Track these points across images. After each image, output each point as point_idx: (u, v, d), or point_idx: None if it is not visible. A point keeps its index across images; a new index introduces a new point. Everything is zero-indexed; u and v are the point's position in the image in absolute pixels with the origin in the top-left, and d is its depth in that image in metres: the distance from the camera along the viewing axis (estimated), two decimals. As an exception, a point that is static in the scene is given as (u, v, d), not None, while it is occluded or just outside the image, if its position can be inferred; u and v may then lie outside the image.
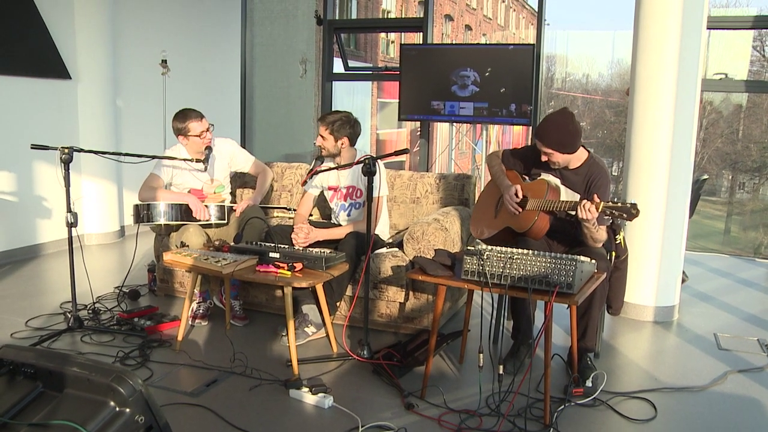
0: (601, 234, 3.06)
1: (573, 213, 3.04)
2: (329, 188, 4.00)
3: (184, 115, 3.91)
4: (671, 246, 4.08)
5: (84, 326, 3.71)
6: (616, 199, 2.85)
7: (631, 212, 2.75)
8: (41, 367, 1.68)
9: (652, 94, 3.98)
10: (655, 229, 4.04)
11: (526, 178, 3.41)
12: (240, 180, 4.63)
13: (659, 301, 4.13)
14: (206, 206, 3.88)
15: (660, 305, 4.13)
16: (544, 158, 3.17)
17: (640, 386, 3.14)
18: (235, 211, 4.02)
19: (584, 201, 2.87)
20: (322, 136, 3.78)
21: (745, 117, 18.19)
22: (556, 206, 3.06)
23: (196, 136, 3.89)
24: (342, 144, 3.77)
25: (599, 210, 2.82)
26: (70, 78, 5.82)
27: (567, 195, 3.23)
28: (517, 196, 3.23)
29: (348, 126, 3.76)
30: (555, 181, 3.26)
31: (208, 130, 3.93)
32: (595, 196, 2.90)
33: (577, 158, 3.20)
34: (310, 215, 4.20)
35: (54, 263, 5.33)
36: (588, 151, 3.25)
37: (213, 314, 4.00)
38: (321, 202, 4.26)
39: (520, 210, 3.22)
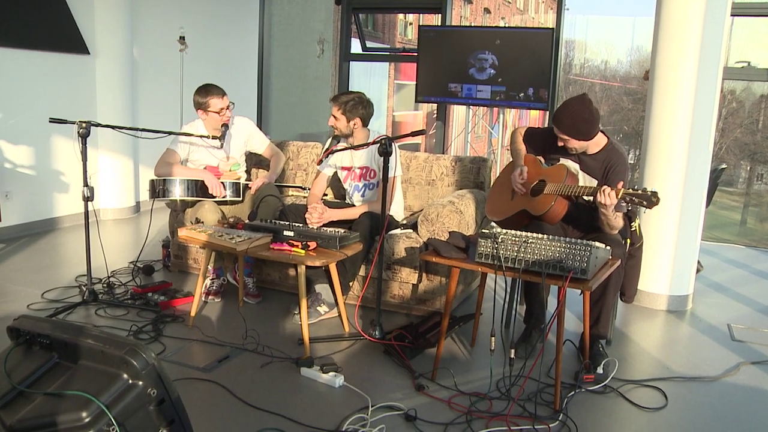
0: (618, 221, 3.03)
1: (591, 198, 3.01)
2: (343, 168, 3.99)
3: (206, 90, 3.91)
4: (687, 235, 4.04)
5: (99, 300, 3.74)
6: (636, 187, 2.82)
7: (651, 200, 2.71)
8: (57, 338, 1.69)
9: (671, 81, 3.91)
10: (671, 218, 4.00)
11: (543, 161, 3.38)
12: (255, 159, 4.62)
13: (673, 290, 4.09)
14: (221, 183, 3.88)
15: (674, 294, 4.10)
16: (560, 143, 3.14)
17: (652, 375, 3.13)
18: (250, 188, 4.02)
19: (604, 186, 2.84)
20: (334, 116, 3.75)
21: (767, 107, 17.92)
22: (574, 191, 3.03)
23: (215, 112, 3.89)
24: (354, 125, 3.75)
25: (619, 196, 2.79)
26: (89, 53, 5.83)
27: (585, 181, 3.20)
28: (521, 177, 3.24)
29: (360, 107, 3.73)
30: (574, 166, 3.23)
31: (228, 108, 3.93)
32: (620, 183, 2.85)
33: (595, 144, 3.17)
34: (325, 195, 4.19)
35: (70, 237, 5.36)
36: (607, 137, 3.21)
37: (226, 291, 4.02)
38: (335, 182, 4.24)
39: (524, 190, 3.22)
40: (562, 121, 3.09)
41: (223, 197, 3.88)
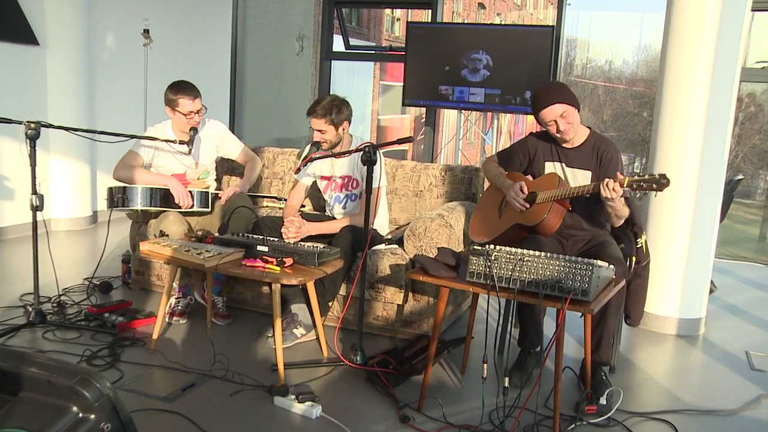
0: (624, 210, 3.10)
1: (589, 195, 3.07)
2: (322, 178, 3.98)
3: (178, 88, 3.89)
4: (699, 252, 4.07)
5: (47, 321, 3.69)
6: (641, 172, 2.86)
7: (661, 182, 2.76)
8: (-7, 367, 1.65)
9: (683, 83, 3.95)
10: (681, 233, 4.03)
11: (530, 178, 3.43)
12: (227, 165, 4.61)
13: (684, 312, 4.11)
14: (189, 192, 3.87)
15: (684, 317, 4.12)
16: (562, 125, 3.18)
17: (660, 406, 3.13)
18: (220, 198, 4.01)
19: (606, 180, 2.89)
20: (320, 131, 3.70)
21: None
22: (573, 192, 3.08)
23: (183, 113, 3.87)
24: (343, 130, 3.76)
25: (624, 186, 2.85)
26: (38, 44, 5.76)
27: (577, 178, 3.27)
28: (522, 192, 3.27)
29: (344, 107, 3.74)
30: (560, 171, 3.31)
31: (198, 112, 3.90)
32: (618, 174, 2.91)
33: (579, 135, 3.28)
34: (303, 206, 4.18)
35: (15, 250, 5.31)
36: (589, 128, 3.34)
37: (193, 311, 3.99)
38: (314, 193, 4.24)
39: (527, 206, 3.24)
40: (554, 94, 3.19)
41: (190, 207, 3.86)
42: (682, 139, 3.97)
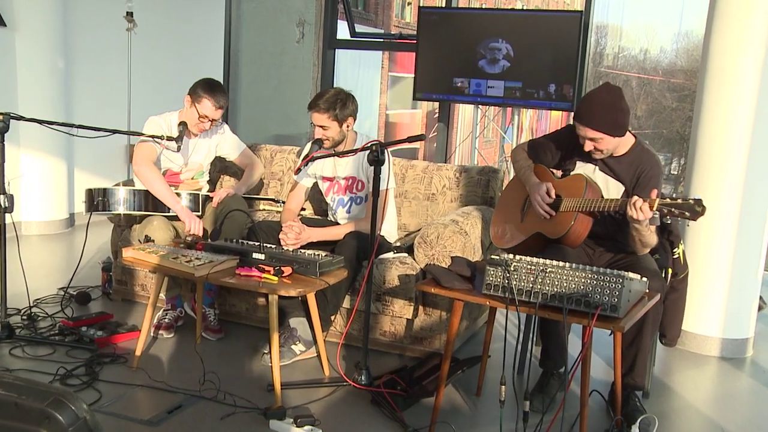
0: (652, 238, 3.05)
1: (616, 213, 3.03)
2: (324, 179, 4.00)
3: (211, 88, 3.92)
4: (745, 264, 4.05)
5: (15, 336, 3.69)
6: (675, 195, 2.82)
7: (695, 210, 2.66)
8: (-47, 388, 1.64)
9: (728, 74, 3.94)
10: (725, 242, 4.01)
11: (556, 173, 3.41)
12: (220, 164, 4.62)
13: (728, 332, 4.10)
14: (177, 194, 3.89)
15: (728, 337, 4.10)
16: (588, 147, 3.14)
17: (700, 435, 3.13)
18: (211, 200, 4.03)
19: (635, 198, 2.83)
20: (322, 126, 3.71)
21: None
22: (597, 205, 3.03)
23: (198, 114, 3.89)
24: (348, 126, 3.77)
25: (654, 208, 2.78)
26: (5, 25, 5.74)
27: (609, 188, 3.22)
28: (549, 196, 3.22)
29: (349, 102, 3.74)
30: (590, 169, 3.27)
31: (212, 120, 3.94)
32: (653, 192, 2.82)
33: (623, 144, 3.20)
34: (303, 210, 4.20)
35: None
36: (634, 136, 3.24)
37: (181, 325, 4.00)
38: (315, 195, 4.26)
39: (553, 213, 3.21)
40: (593, 116, 3.06)
41: (194, 237, 3.83)
42: (726, 136, 3.96)
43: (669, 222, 2.91)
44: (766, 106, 3.89)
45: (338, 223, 3.94)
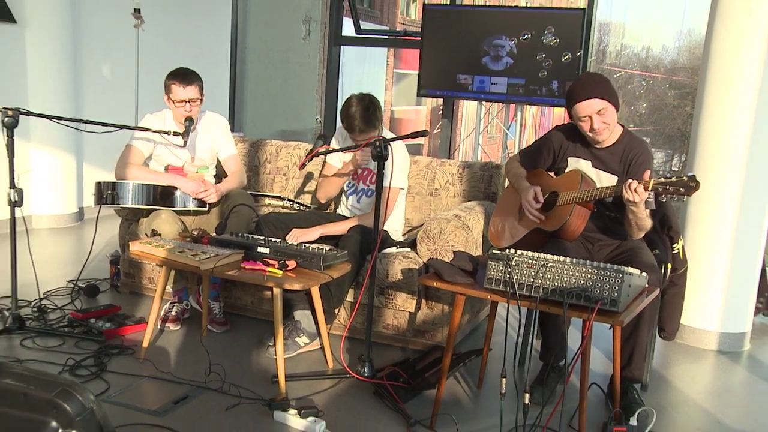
0: (647, 221, 3.08)
1: (611, 199, 3.07)
2: (345, 164, 4.03)
3: (173, 73, 3.92)
4: (744, 258, 4.04)
5: (26, 327, 3.71)
6: (668, 174, 2.84)
7: (689, 185, 2.72)
8: (-36, 379, 1.63)
9: (729, 71, 3.93)
10: (723, 237, 4.01)
11: (553, 175, 3.43)
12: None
13: (726, 326, 4.10)
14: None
15: (726, 331, 4.10)
16: (596, 122, 3.13)
17: (699, 430, 3.13)
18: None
19: (629, 180, 2.87)
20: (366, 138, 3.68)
21: None
22: (593, 194, 3.08)
23: (174, 101, 3.89)
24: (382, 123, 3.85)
25: (649, 188, 2.81)
26: (15, 21, 5.72)
27: (602, 181, 3.25)
28: (536, 201, 3.26)
29: (378, 112, 3.78)
30: (586, 164, 3.29)
31: (191, 101, 3.90)
32: (646, 173, 2.87)
33: (613, 133, 3.25)
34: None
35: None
36: (622, 126, 3.29)
37: (187, 318, 4.01)
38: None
39: (542, 218, 3.25)
40: (593, 86, 3.13)
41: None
42: (726, 133, 3.95)
43: (664, 201, 2.93)
44: (766, 104, 3.88)
45: (343, 216, 3.95)
